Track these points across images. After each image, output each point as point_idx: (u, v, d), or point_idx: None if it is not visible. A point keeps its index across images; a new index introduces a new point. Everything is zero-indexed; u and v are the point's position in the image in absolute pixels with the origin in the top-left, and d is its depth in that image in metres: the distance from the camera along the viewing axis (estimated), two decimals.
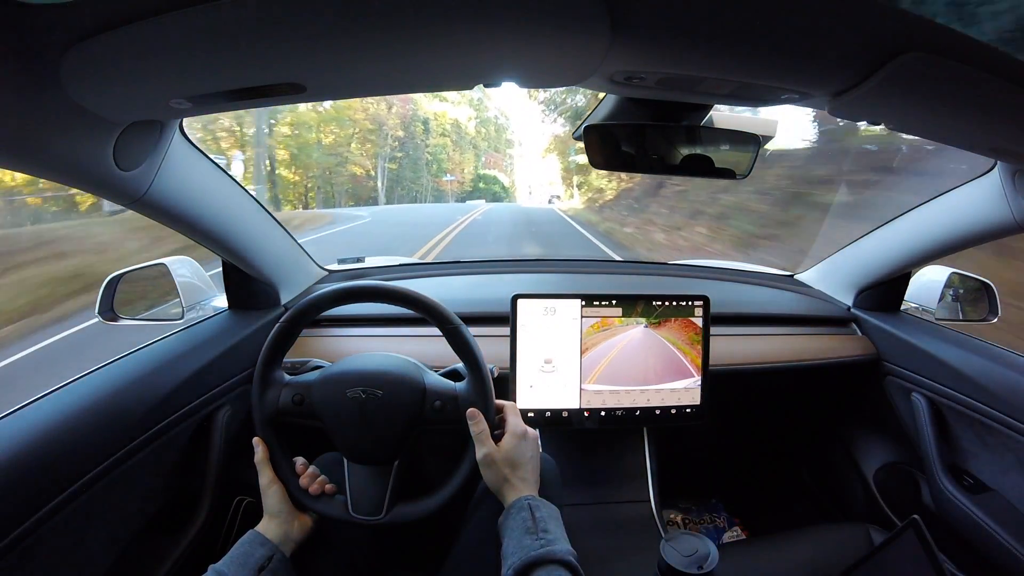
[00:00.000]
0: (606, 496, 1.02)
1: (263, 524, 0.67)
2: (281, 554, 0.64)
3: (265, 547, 0.63)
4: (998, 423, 0.88)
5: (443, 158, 40.68)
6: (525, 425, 0.71)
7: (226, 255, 0.92)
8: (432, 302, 0.70)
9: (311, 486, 0.70)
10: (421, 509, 0.70)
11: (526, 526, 0.60)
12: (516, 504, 0.63)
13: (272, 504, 0.68)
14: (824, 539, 0.90)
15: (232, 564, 0.60)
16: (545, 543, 0.57)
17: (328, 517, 0.70)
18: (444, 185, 41.07)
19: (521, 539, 0.58)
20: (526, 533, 0.59)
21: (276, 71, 0.49)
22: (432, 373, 0.74)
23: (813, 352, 1.12)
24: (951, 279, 1.10)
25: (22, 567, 0.56)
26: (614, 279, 1.40)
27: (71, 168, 0.57)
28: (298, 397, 0.70)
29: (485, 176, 44.36)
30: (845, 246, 1.23)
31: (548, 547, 0.56)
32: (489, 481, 0.68)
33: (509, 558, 0.57)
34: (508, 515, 0.63)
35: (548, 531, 0.59)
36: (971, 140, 0.69)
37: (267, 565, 0.61)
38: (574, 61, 0.50)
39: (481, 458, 0.67)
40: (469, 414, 0.69)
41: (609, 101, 0.76)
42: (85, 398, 0.69)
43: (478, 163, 44.97)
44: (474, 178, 42.97)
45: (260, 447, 0.70)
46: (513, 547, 0.58)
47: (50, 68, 0.44)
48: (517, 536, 0.59)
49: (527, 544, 0.57)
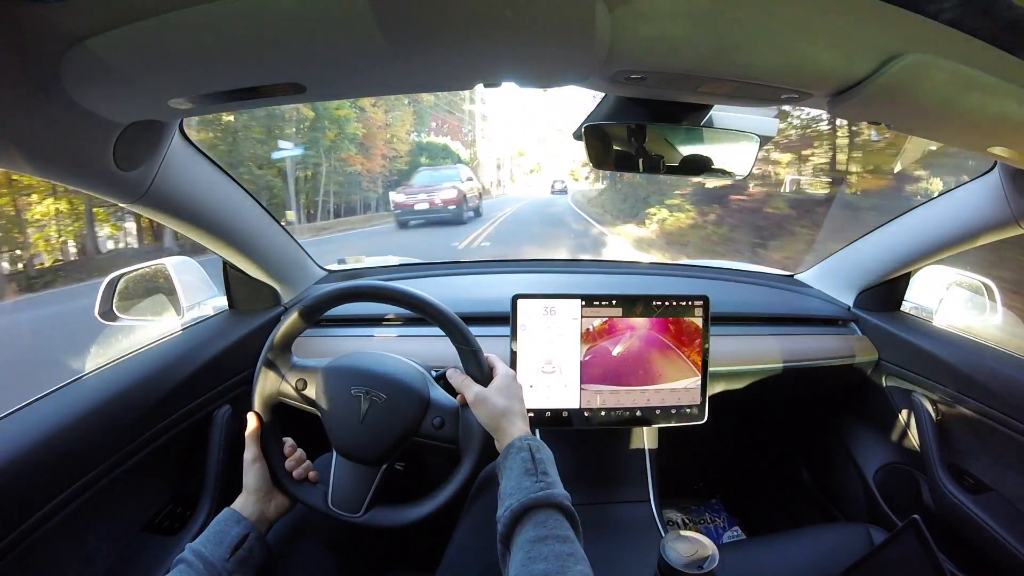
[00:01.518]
0: (606, 496, 1.02)
1: (240, 501, 0.67)
2: (257, 532, 0.64)
3: (240, 525, 0.63)
4: (998, 423, 0.88)
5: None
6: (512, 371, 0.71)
7: (226, 255, 0.92)
8: (432, 302, 0.70)
9: (295, 470, 0.70)
10: (399, 518, 0.69)
11: (526, 467, 0.58)
12: (516, 443, 0.61)
13: (251, 481, 0.67)
14: (824, 539, 0.90)
15: (208, 543, 0.60)
16: (545, 485, 0.56)
17: (305, 505, 0.70)
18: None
19: (520, 480, 0.57)
20: (525, 474, 0.58)
21: (276, 71, 0.49)
22: (438, 388, 0.74)
23: (813, 352, 1.12)
24: (951, 279, 1.10)
25: (22, 567, 0.56)
26: (614, 279, 1.41)
27: (71, 168, 0.57)
28: (301, 383, 0.70)
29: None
30: (845, 246, 1.23)
31: (548, 490, 0.55)
32: (483, 418, 0.66)
33: (508, 498, 0.56)
34: (507, 454, 0.61)
35: (547, 474, 0.58)
36: (971, 140, 0.69)
37: (242, 543, 0.62)
38: (574, 61, 0.50)
39: (473, 398, 0.66)
40: (448, 372, 0.69)
41: (609, 101, 0.76)
42: (85, 398, 0.69)
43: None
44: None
45: (253, 421, 0.69)
46: (512, 487, 0.57)
47: (50, 68, 0.44)
48: (516, 476, 0.58)
49: (527, 486, 0.56)
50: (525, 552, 0.50)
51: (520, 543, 0.52)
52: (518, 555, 0.51)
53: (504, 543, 0.54)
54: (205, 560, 0.58)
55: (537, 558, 0.49)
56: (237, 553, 0.61)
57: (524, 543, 0.51)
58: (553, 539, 0.51)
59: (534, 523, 0.53)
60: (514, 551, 0.52)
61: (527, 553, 0.50)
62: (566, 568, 0.48)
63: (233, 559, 0.60)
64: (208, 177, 0.79)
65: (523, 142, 44.63)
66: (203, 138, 12.35)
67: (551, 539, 0.51)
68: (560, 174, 27.21)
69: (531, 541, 0.51)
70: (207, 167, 0.78)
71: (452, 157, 24.20)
